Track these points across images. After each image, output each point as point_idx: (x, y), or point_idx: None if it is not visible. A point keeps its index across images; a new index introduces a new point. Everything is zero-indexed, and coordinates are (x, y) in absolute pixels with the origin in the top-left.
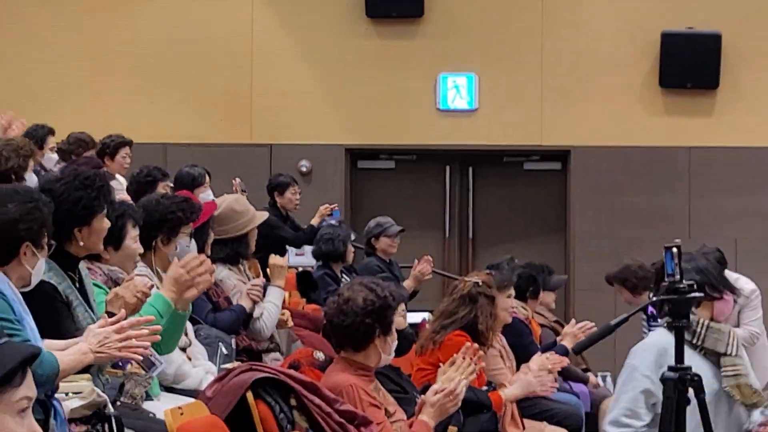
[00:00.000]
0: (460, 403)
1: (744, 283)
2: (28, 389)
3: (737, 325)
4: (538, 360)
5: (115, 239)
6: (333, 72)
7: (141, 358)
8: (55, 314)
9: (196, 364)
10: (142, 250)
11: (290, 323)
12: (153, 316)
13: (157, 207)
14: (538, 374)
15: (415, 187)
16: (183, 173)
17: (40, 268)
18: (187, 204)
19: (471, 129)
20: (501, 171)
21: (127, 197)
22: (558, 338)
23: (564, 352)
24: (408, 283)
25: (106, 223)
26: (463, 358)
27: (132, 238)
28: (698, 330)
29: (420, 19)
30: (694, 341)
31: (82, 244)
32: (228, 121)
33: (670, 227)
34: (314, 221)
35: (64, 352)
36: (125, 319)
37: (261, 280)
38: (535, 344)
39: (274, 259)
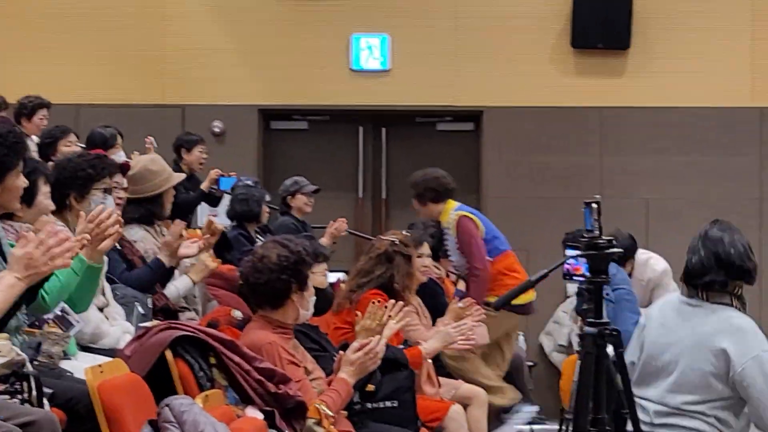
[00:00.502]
0: (379, 362)
1: (655, 263)
2: None
3: (649, 305)
4: (452, 309)
5: (27, 196)
6: (246, 32)
7: (71, 262)
8: None
9: (114, 324)
10: (53, 207)
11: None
12: (69, 273)
13: (68, 165)
14: (457, 326)
15: (328, 147)
16: (95, 134)
17: None
18: (99, 161)
19: (384, 89)
20: (414, 131)
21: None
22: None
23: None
24: (323, 241)
25: (22, 181)
26: (378, 306)
27: (44, 194)
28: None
29: None
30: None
31: None
32: (140, 82)
33: (582, 187)
34: (204, 186)
35: None
36: None
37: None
38: (448, 302)
39: (207, 259)
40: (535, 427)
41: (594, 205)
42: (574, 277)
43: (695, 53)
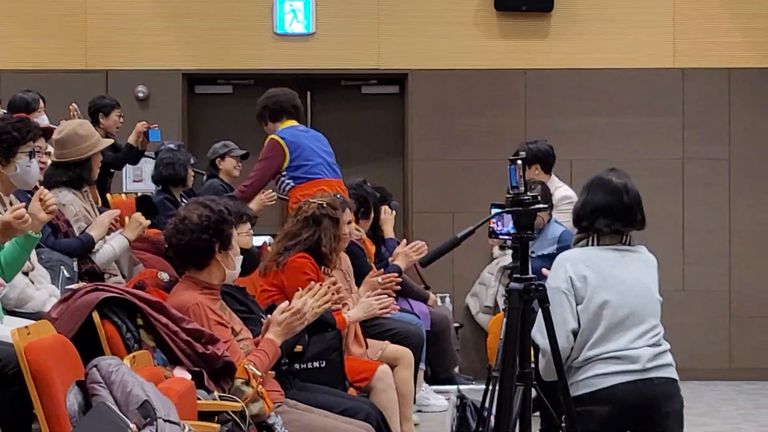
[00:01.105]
0: (306, 323)
1: (562, 191)
2: None
3: None
4: (369, 282)
5: None
6: None
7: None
8: None
9: (39, 288)
10: None
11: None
12: (13, 248)
13: None
14: (378, 296)
15: (253, 112)
16: (17, 99)
17: None
18: (23, 123)
19: (309, 53)
20: (339, 95)
21: None
22: (390, 258)
23: (397, 271)
24: (252, 206)
25: None
26: (317, 284)
27: None
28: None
29: None
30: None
31: None
32: (62, 47)
33: (507, 149)
34: (131, 139)
35: None
36: None
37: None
38: (369, 264)
39: (140, 217)
40: (462, 387)
41: (519, 162)
42: (500, 235)
43: (618, 15)
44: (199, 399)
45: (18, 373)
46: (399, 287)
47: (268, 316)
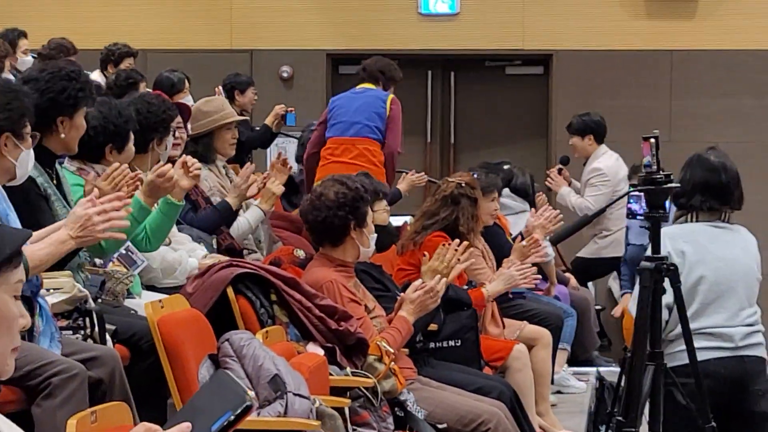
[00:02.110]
0: (439, 300)
1: (595, 163)
2: (22, 273)
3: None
4: (517, 248)
5: (120, 141)
6: None
7: (125, 236)
8: (33, 208)
9: (179, 248)
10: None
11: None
12: (157, 215)
13: (150, 109)
14: (520, 267)
15: (397, 92)
16: (162, 78)
17: (25, 160)
18: (168, 103)
19: (453, 33)
20: (483, 76)
21: None
22: (525, 231)
23: None
24: (402, 186)
25: (83, 122)
26: (447, 248)
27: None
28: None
29: None
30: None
31: (63, 136)
32: (208, 27)
33: (651, 131)
34: (268, 120)
35: (37, 246)
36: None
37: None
38: (510, 242)
39: (273, 186)
40: (602, 369)
41: (652, 140)
42: (637, 216)
43: None
44: (331, 375)
45: (152, 346)
46: (546, 252)
47: (402, 294)
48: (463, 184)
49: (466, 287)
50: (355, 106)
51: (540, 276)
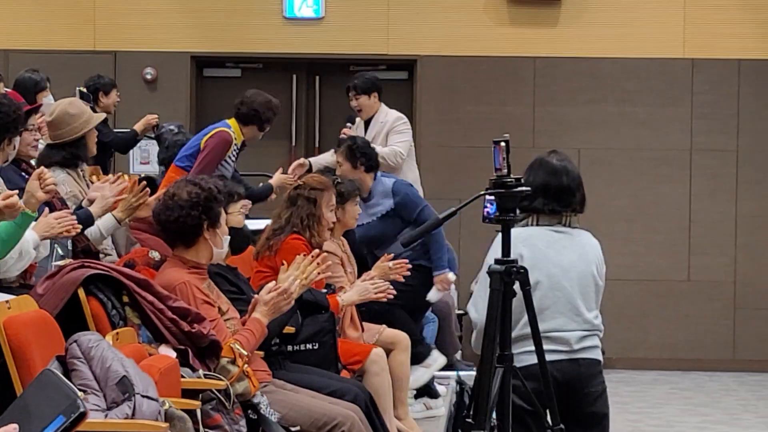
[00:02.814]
0: (293, 302)
1: (394, 112)
2: None
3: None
4: (380, 267)
5: None
6: None
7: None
8: None
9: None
10: None
11: None
12: (9, 225)
13: (1, 109)
14: (376, 282)
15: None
16: (25, 78)
17: None
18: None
19: (318, 37)
20: (347, 80)
21: None
22: None
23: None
24: (273, 181)
25: None
26: (304, 257)
27: None
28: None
29: None
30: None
31: None
32: (71, 27)
33: (515, 136)
34: (137, 127)
35: None
36: None
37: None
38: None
39: (131, 199)
40: (461, 372)
41: (502, 144)
42: (494, 221)
43: (628, 4)
44: (183, 377)
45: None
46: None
47: (256, 296)
48: (301, 184)
49: (324, 291)
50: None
51: (394, 291)
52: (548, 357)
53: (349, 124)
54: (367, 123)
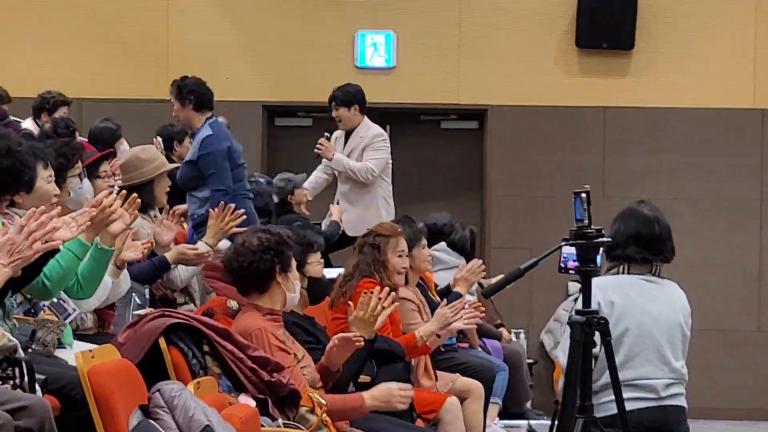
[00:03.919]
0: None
1: (376, 128)
2: None
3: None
4: (439, 314)
5: (27, 182)
6: (251, 26)
7: (59, 243)
8: None
9: None
10: (57, 191)
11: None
12: (70, 257)
13: (64, 150)
14: (452, 306)
15: None
16: (100, 128)
17: None
18: (68, 147)
19: (389, 87)
20: (418, 129)
21: None
22: (451, 284)
23: (458, 298)
24: (335, 215)
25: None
26: (370, 294)
27: (44, 179)
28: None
29: None
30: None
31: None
32: (143, 77)
33: (582, 184)
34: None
35: None
36: None
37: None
38: (432, 298)
39: (213, 216)
40: (532, 422)
41: (583, 195)
42: (570, 271)
43: (698, 54)
44: (262, 426)
45: (83, 397)
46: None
47: (333, 340)
48: (369, 233)
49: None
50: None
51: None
52: (636, 404)
53: (327, 134)
54: (348, 135)
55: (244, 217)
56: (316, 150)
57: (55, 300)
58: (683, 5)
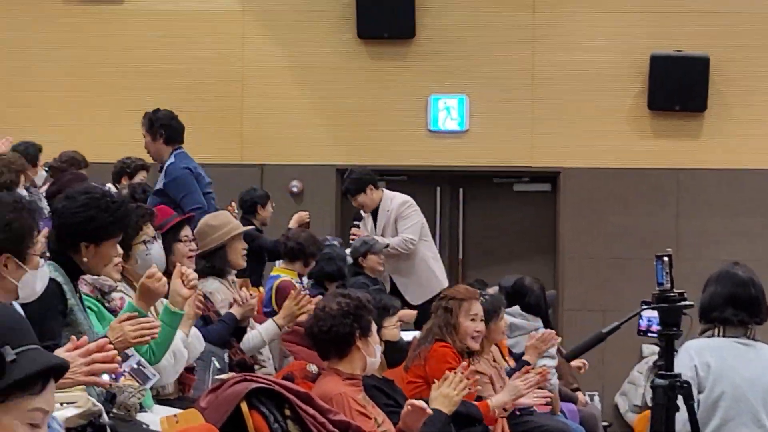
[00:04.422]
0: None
1: (400, 196)
2: (45, 402)
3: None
4: (511, 385)
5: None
6: (324, 92)
7: (108, 383)
8: (45, 311)
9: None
10: (120, 252)
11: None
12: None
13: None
14: (524, 379)
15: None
16: None
17: (30, 282)
18: (134, 213)
19: (461, 150)
20: (491, 192)
21: None
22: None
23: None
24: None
25: (116, 252)
26: (454, 373)
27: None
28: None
29: (411, 40)
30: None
31: (85, 260)
32: (218, 141)
33: (658, 248)
34: (291, 225)
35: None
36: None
37: (253, 301)
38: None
39: (291, 305)
40: None
41: (665, 259)
42: (649, 334)
43: None
44: None
45: None
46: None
47: (410, 404)
48: (444, 296)
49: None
50: None
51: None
52: None
53: (356, 222)
54: (375, 213)
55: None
56: (350, 239)
57: (135, 366)
58: (754, 67)
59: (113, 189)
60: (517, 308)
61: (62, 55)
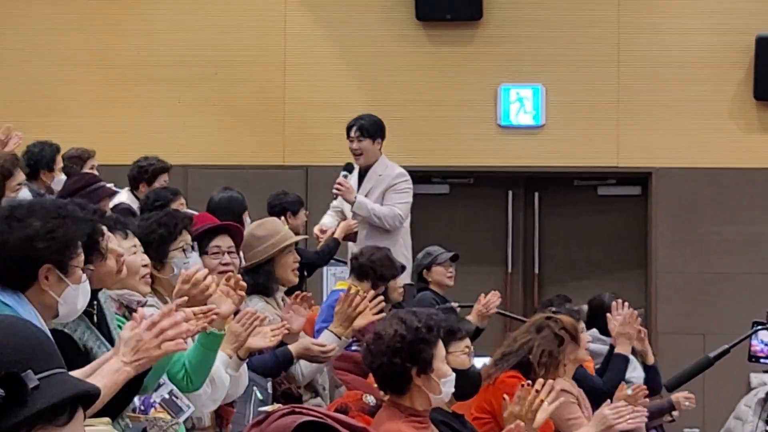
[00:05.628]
0: None
1: (393, 168)
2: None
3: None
4: (619, 397)
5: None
6: (377, 83)
7: (186, 347)
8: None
9: None
10: (146, 262)
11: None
12: (196, 349)
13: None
14: (614, 407)
15: (472, 214)
16: (225, 198)
17: (72, 297)
18: (169, 217)
19: (537, 148)
20: (571, 196)
21: None
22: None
23: (624, 363)
24: (471, 319)
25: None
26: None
27: (126, 250)
28: None
29: (478, 23)
30: None
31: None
32: (257, 139)
33: (764, 260)
34: (337, 234)
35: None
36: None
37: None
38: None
39: (340, 301)
40: None
41: None
42: (762, 360)
43: None
44: None
45: None
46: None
47: None
48: (557, 320)
49: None
50: None
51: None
52: None
53: (344, 172)
54: (363, 172)
55: (383, 304)
56: (334, 191)
57: (167, 396)
58: None
59: (130, 197)
60: (594, 331)
61: (83, 41)
